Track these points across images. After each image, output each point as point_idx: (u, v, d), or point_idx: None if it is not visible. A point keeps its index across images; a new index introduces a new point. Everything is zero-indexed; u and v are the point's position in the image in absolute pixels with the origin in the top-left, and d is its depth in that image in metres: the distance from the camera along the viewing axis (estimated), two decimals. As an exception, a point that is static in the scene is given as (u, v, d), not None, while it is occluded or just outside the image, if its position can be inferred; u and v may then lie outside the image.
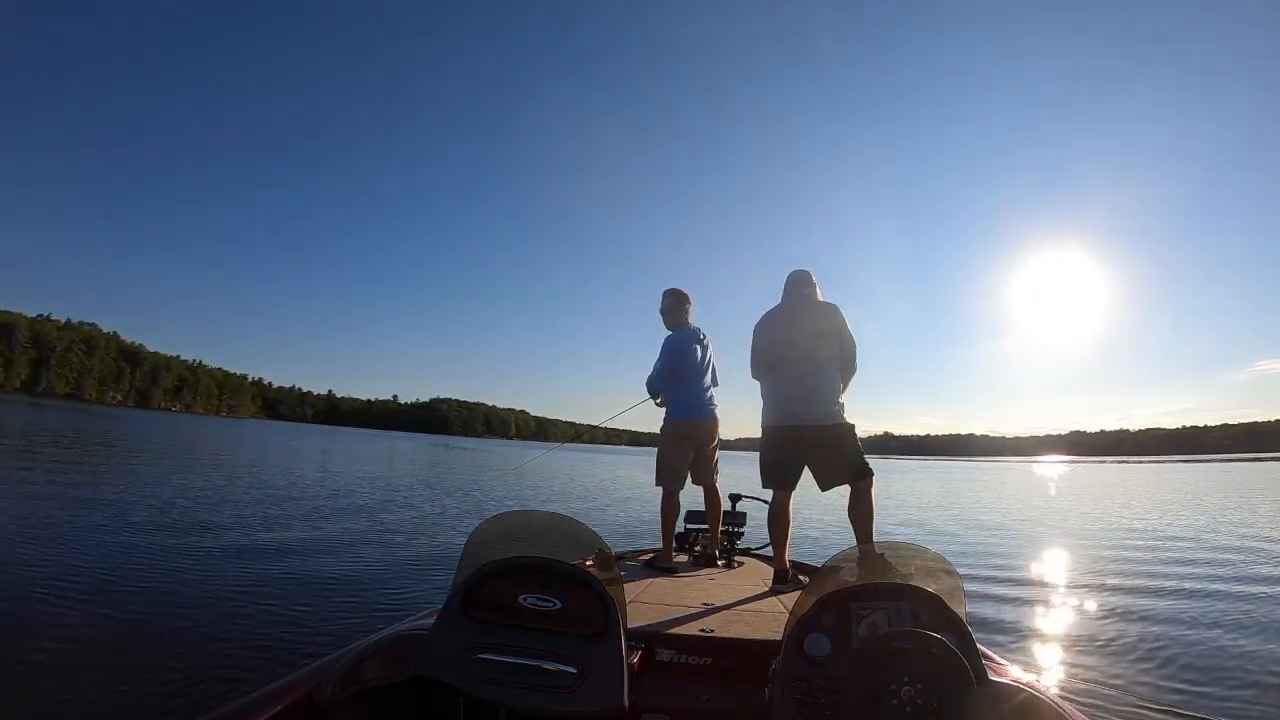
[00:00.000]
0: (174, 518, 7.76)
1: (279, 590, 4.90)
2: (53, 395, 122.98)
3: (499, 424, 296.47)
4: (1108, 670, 3.87)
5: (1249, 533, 11.06)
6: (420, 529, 8.68)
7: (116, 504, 8.35)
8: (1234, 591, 6.10)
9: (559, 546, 1.82)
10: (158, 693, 2.95)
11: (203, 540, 6.60)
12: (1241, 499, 19.49)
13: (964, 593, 1.66)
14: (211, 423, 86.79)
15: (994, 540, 10.30)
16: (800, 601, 1.68)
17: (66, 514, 7.27)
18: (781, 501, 3.46)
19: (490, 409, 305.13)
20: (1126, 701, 3.37)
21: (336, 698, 1.65)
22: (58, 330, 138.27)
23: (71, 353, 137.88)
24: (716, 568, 3.76)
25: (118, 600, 4.32)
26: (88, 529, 6.56)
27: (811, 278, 3.70)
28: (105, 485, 10.20)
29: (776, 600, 2.81)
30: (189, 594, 4.59)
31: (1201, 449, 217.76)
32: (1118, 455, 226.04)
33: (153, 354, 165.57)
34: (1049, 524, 13.15)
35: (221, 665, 3.31)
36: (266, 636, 3.80)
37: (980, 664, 1.44)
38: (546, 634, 1.57)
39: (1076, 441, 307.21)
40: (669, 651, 2.01)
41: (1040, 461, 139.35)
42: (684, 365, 4.01)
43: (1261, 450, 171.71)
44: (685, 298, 4.19)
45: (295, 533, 7.56)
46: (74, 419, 40.57)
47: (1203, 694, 3.47)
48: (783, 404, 3.49)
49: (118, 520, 7.22)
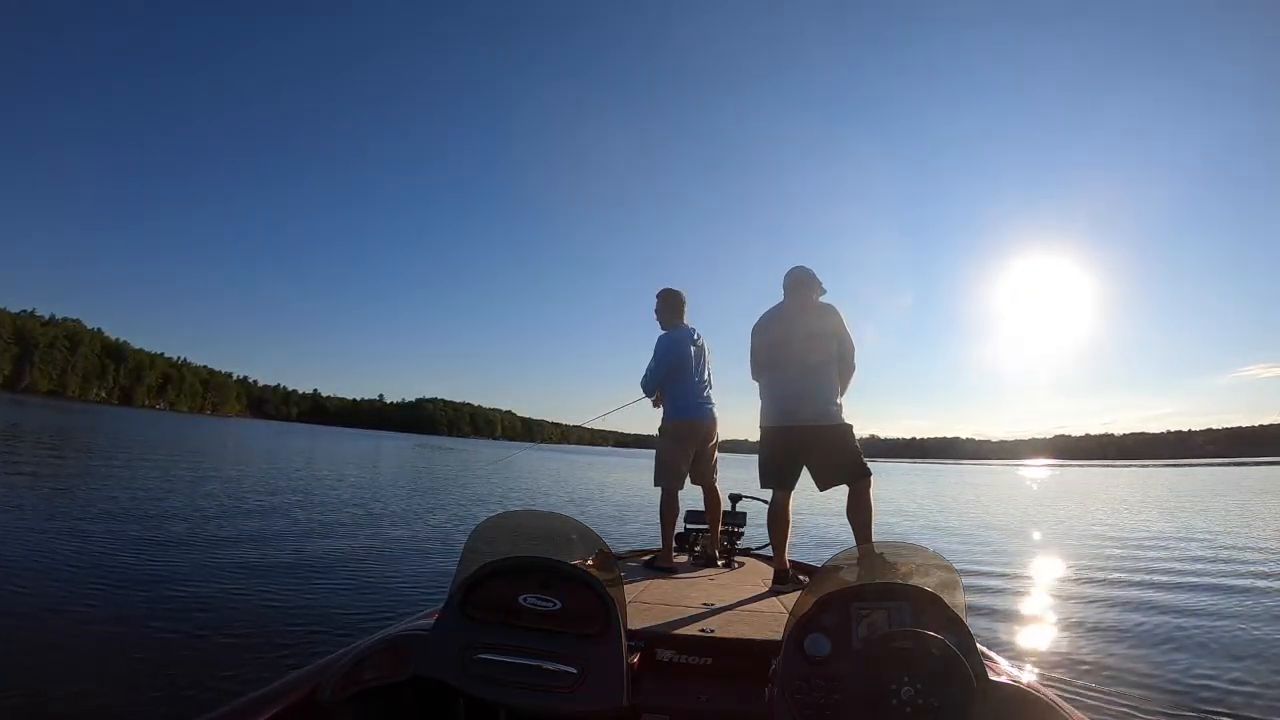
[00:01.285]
0: (172, 518, 7.71)
1: (279, 590, 4.90)
2: (35, 392, 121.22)
3: (485, 424, 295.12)
4: (1107, 669, 3.90)
5: (1242, 535, 11.17)
6: (419, 529, 8.67)
7: (114, 504, 8.28)
8: (1231, 591, 6.16)
9: (559, 546, 1.82)
10: (158, 693, 2.95)
11: (201, 541, 6.58)
12: (1231, 503, 19.69)
13: (964, 592, 1.67)
14: (196, 421, 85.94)
15: (993, 541, 10.38)
16: (800, 601, 1.69)
17: (66, 515, 7.22)
18: (781, 501, 3.46)
19: (476, 409, 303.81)
20: (1126, 701, 3.40)
21: (336, 698, 1.65)
22: (41, 327, 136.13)
23: (55, 349, 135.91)
24: (716, 568, 3.76)
25: (117, 601, 4.32)
26: (86, 530, 6.52)
27: (810, 277, 3.69)
28: (99, 486, 10.11)
29: (776, 600, 2.82)
30: (188, 594, 4.58)
31: (1187, 453, 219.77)
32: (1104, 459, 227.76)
33: (136, 351, 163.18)
34: (1045, 525, 13.27)
35: (221, 665, 3.31)
36: (266, 636, 3.80)
37: (980, 664, 1.45)
38: (546, 634, 1.58)
39: (1062, 445, 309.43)
40: (669, 651, 2.01)
41: (1027, 465, 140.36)
42: (680, 365, 4.01)
43: (1245, 455, 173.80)
44: (679, 297, 4.18)
45: (294, 533, 7.54)
46: (59, 417, 40.05)
47: (1202, 693, 3.51)
48: (781, 404, 3.50)
49: (115, 521, 7.18)
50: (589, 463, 40.41)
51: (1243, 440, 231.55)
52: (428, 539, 7.92)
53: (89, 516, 7.21)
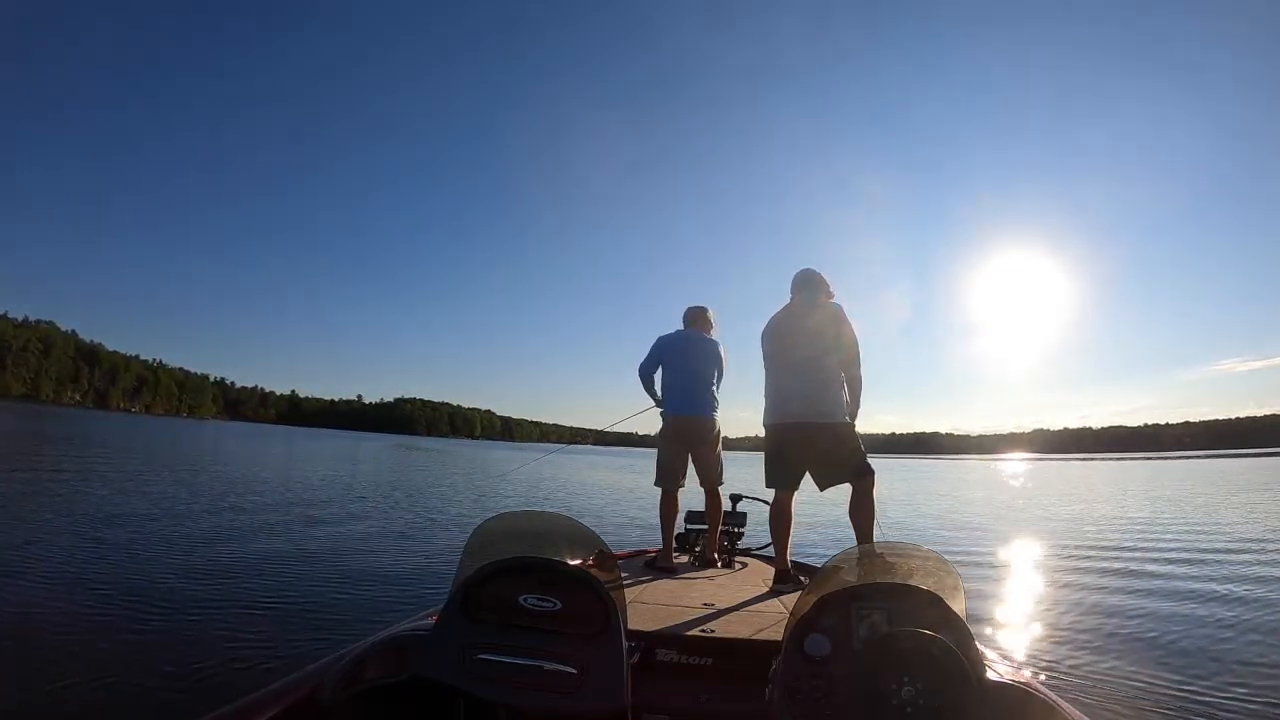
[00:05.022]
0: (166, 520, 7.67)
1: (278, 591, 4.89)
2: (7, 396, 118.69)
3: (464, 424, 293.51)
4: (1107, 668, 3.91)
5: (1236, 529, 11.23)
6: (419, 529, 8.64)
7: (103, 509, 8.20)
8: (1231, 588, 6.18)
9: (559, 546, 1.81)
10: (158, 693, 2.96)
11: (201, 541, 6.56)
12: (1215, 495, 19.84)
13: (964, 592, 1.67)
14: (173, 424, 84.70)
15: (993, 540, 10.37)
16: (800, 601, 1.69)
17: (57, 521, 7.15)
18: (783, 501, 3.46)
19: (455, 409, 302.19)
20: (1126, 700, 3.41)
21: (336, 698, 1.64)
22: (14, 329, 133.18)
23: (28, 352, 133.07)
24: (716, 568, 3.77)
25: (117, 602, 4.31)
26: (80, 534, 6.48)
27: (817, 277, 3.71)
28: (86, 491, 9.96)
29: (777, 600, 2.82)
30: (188, 595, 4.57)
31: (1163, 446, 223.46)
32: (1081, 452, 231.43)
33: (111, 353, 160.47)
34: (1039, 523, 13.31)
35: (222, 665, 3.31)
36: (267, 636, 3.81)
37: (980, 663, 1.46)
38: (547, 634, 1.56)
39: (1040, 439, 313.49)
40: (669, 652, 2.01)
41: (1006, 459, 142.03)
42: (671, 360, 4.05)
43: (1221, 448, 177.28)
44: (694, 311, 4.31)
45: (294, 534, 7.52)
46: (33, 422, 39.34)
47: (1201, 691, 3.51)
48: (783, 403, 3.51)
49: (114, 523, 7.16)
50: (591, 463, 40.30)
51: (1218, 433, 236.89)
52: (427, 539, 7.91)
53: (81, 521, 7.13)
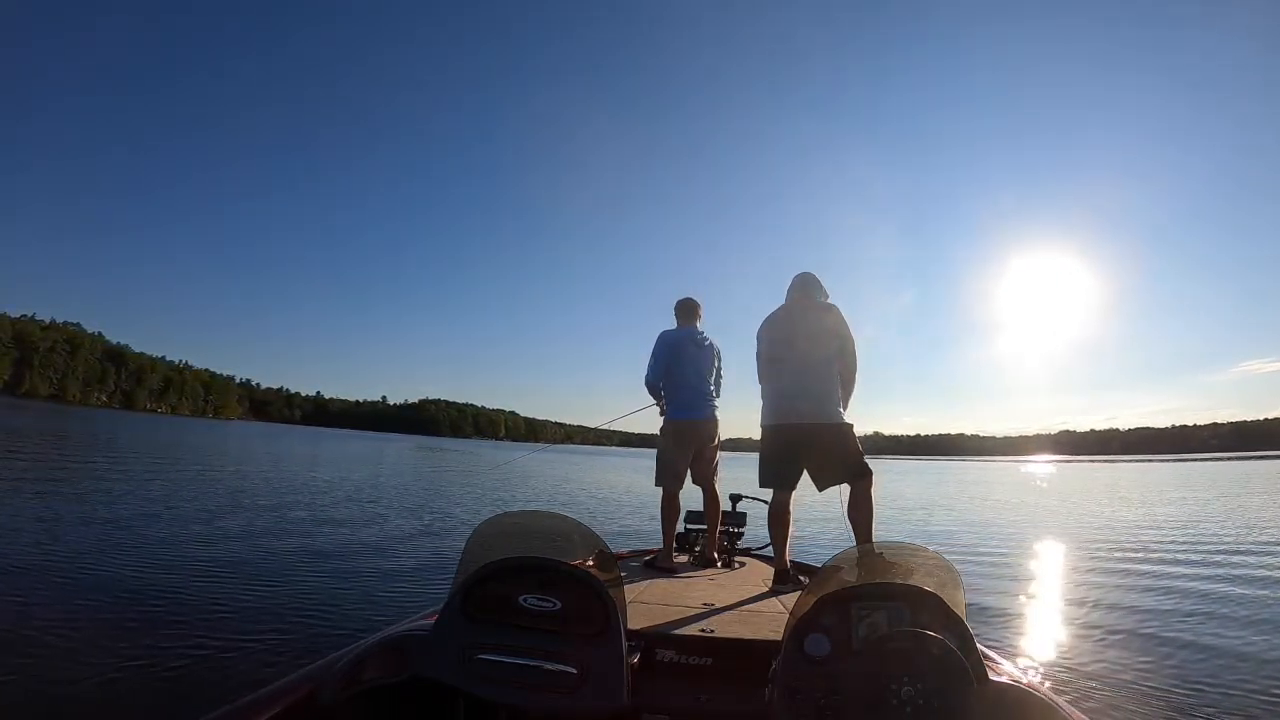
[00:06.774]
0: (172, 519, 7.74)
1: (279, 591, 4.91)
2: (35, 396, 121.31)
3: (488, 425, 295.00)
4: (1107, 669, 3.88)
5: (1248, 531, 11.09)
6: (419, 529, 8.68)
7: (115, 506, 8.32)
8: (1233, 590, 6.13)
9: (559, 547, 1.81)
10: (158, 693, 2.97)
11: (201, 541, 6.60)
12: (1238, 498, 19.55)
13: (964, 592, 1.66)
14: (198, 425, 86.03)
15: (993, 540, 10.33)
16: (800, 602, 1.68)
17: (66, 516, 7.26)
18: (782, 501, 3.46)
19: (479, 410, 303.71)
20: (1126, 700, 3.38)
21: (336, 698, 1.64)
22: (41, 330, 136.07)
23: (55, 353, 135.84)
24: (716, 568, 3.76)
25: (117, 601, 4.34)
26: (86, 531, 6.56)
27: (815, 280, 3.71)
28: (100, 489, 10.12)
29: (776, 600, 2.81)
30: (189, 595, 4.60)
31: (1191, 448, 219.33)
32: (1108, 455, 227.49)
33: (137, 355, 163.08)
34: (1047, 523, 13.23)
35: (221, 665, 3.33)
36: (267, 636, 3.82)
37: (980, 664, 1.45)
38: (547, 634, 1.58)
39: (1067, 441, 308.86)
40: (669, 652, 2.01)
41: (1031, 461, 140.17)
42: (677, 363, 4.03)
43: (1249, 449, 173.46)
44: (688, 303, 4.27)
45: (295, 534, 7.56)
46: (59, 421, 40.12)
47: (1202, 692, 3.49)
48: (781, 403, 3.50)
49: (116, 522, 7.22)
50: (590, 464, 40.34)
51: (1247, 435, 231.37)
52: (428, 539, 7.93)
53: (90, 519, 7.22)
